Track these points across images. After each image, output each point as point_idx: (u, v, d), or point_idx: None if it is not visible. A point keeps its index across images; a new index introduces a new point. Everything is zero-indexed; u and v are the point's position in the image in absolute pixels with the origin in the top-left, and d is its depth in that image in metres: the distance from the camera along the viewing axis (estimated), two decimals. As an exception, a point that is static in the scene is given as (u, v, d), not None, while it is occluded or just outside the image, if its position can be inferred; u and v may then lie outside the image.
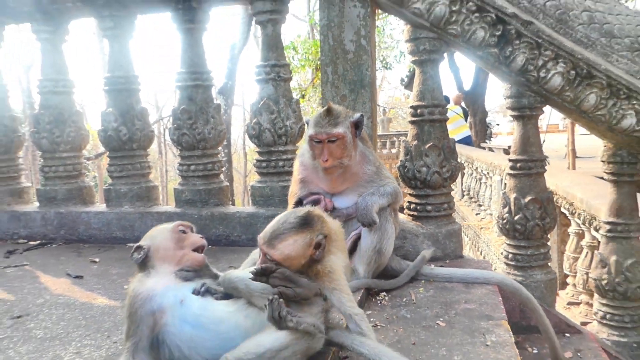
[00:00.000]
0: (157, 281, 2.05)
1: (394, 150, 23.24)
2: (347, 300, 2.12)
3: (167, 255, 2.14)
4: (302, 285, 2.02)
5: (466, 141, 14.90)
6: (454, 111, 14.60)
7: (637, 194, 3.82)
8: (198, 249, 2.22)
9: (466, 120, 17.40)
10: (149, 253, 2.13)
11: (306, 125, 3.21)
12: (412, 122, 3.85)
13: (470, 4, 3.54)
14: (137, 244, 2.15)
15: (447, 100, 16.15)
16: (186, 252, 2.18)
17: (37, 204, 4.81)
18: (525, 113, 3.73)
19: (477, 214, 12.12)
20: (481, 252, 10.51)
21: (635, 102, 3.45)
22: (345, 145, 3.00)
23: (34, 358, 2.28)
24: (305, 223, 2.07)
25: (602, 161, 3.76)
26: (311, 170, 3.16)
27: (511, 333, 2.58)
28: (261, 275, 1.99)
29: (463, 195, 13.44)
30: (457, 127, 14.39)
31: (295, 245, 2.05)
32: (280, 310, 1.86)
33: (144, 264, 2.12)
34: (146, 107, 4.74)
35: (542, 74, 3.52)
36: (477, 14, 3.55)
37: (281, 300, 1.88)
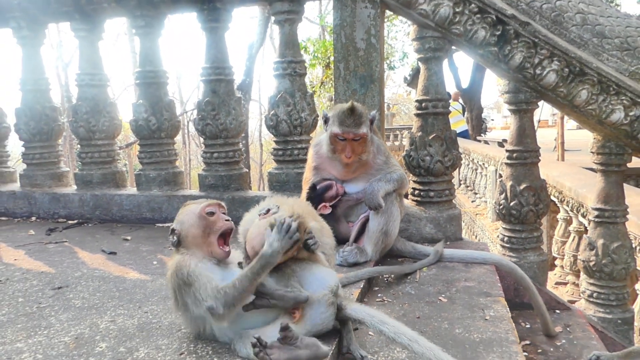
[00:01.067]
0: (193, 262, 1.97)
1: (397, 143, 23.12)
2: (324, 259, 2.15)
3: (196, 243, 2.01)
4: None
5: (463, 135, 14.80)
6: (453, 107, 14.48)
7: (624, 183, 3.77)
8: (225, 234, 2.06)
9: (463, 116, 17.29)
10: (180, 237, 2.03)
11: (321, 119, 3.19)
12: (417, 115, 3.81)
13: (473, 5, 3.48)
14: (172, 226, 2.07)
15: (448, 96, 16.08)
16: (212, 242, 2.01)
17: (74, 186, 4.81)
18: (522, 107, 3.68)
19: (472, 202, 12.07)
20: (476, 236, 10.47)
21: (623, 97, 3.40)
22: (366, 143, 3.02)
23: (73, 325, 2.28)
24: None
25: (592, 152, 3.70)
26: (326, 160, 3.15)
27: (508, 309, 2.55)
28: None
29: (460, 184, 13.38)
30: (456, 121, 14.27)
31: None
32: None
33: (179, 245, 2.04)
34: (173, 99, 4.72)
35: (538, 71, 3.46)
36: (478, 15, 3.49)
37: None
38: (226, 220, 2.08)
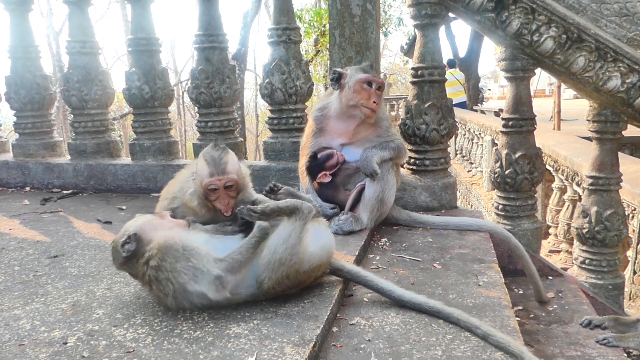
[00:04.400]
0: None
1: (393, 113, 23.02)
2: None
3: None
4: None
5: (462, 106, 14.72)
6: (454, 76, 14.33)
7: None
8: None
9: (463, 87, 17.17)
10: None
11: (329, 80, 3.18)
12: (413, 83, 3.78)
13: (470, -30, 3.42)
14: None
15: (453, 63, 15.87)
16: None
17: (68, 156, 4.79)
18: (518, 75, 3.66)
19: (468, 171, 12.11)
20: (472, 206, 10.53)
21: (621, 64, 3.38)
22: (383, 95, 3.15)
23: (69, 292, 2.29)
24: (224, 147, 2.33)
25: (588, 120, 3.70)
26: (332, 120, 3.18)
27: (501, 275, 2.58)
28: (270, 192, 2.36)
29: (456, 154, 13.38)
30: (455, 91, 14.15)
31: (237, 162, 2.32)
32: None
33: None
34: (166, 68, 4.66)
35: (535, 38, 3.43)
36: (476, -20, 3.43)
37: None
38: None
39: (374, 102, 3.03)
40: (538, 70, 3.84)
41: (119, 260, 2.06)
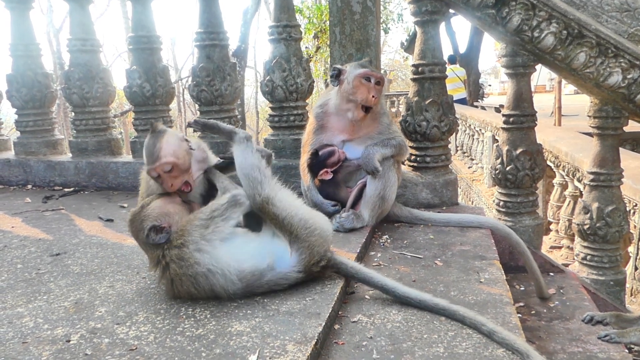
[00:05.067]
0: None
1: (393, 110, 22.98)
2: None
3: None
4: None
5: (462, 103, 14.69)
6: (455, 73, 14.28)
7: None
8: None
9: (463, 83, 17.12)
10: None
11: (329, 77, 3.20)
12: (414, 80, 3.77)
13: (471, -34, 3.41)
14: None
15: (453, 59, 15.81)
16: None
17: (70, 154, 4.79)
18: (519, 71, 3.65)
19: (469, 167, 12.10)
20: (473, 202, 10.53)
21: (622, 60, 3.37)
22: (382, 90, 3.12)
23: (72, 290, 2.30)
24: (160, 130, 2.26)
25: (589, 116, 3.69)
26: (332, 117, 3.17)
27: (502, 272, 2.58)
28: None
29: (457, 151, 13.37)
30: (456, 87, 14.11)
31: (173, 143, 2.23)
32: None
33: None
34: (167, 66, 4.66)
35: (535, 34, 3.42)
36: (476, -23, 3.42)
37: None
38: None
39: (373, 96, 3.02)
40: (539, 66, 3.83)
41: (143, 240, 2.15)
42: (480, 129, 11.06)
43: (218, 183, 2.36)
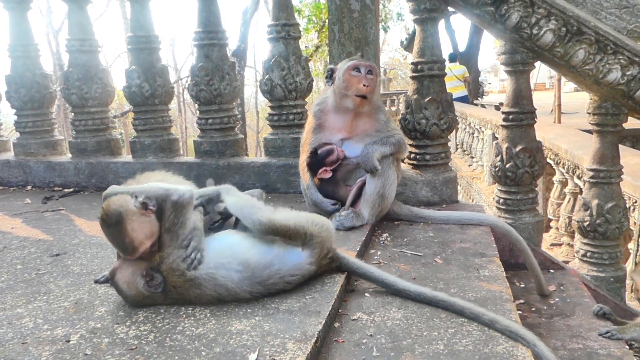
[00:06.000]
0: None
1: (393, 108, 22.97)
2: None
3: None
4: None
5: (463, 100, 14.66)
6: (452, 72, 14.27)
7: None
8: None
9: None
10: None
11: (324, 76, 3.22)
12: (413, 78, 3.77)
13: (469, -36, 3.41)
14: None
15: (454, 57, 15.80)
16: None
17: (69, 155, 4.78)
18: (518, 68, 3.65)
19: (469, 165, 12.10)
20: (473, 200, 10.53)
21: (621, 57, 3.36)
22: (376, 80, 3.10)
23: (72, 290, 2.30)
24: (115, 217, 1.97)
25: (588, 113, 3.69)
26: (330, 115, 3.18)
27: (502, 269, 2.58)
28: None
29: (457, 149, 13.37)
30: (455, 86, 14.10)
31: (137, 227, 1.98)
32: None
33: None
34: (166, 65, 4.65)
35: (534, 31, 3.42)
36: (475, -26, 3.42)
37: None
38: None
39: (364, 85, 3.01)
40: (538, 64, 3.83)
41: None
42: (480, 127, 11.06)
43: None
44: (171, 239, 2.07)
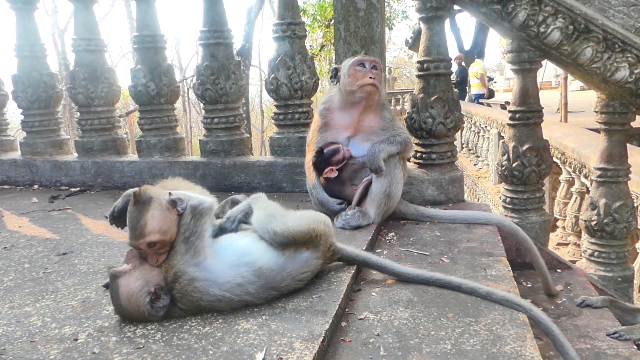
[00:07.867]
0: None
1: (398, 107, 22.95)
2: None
3: None
4: None
5: (480, 97, 14.60)
6: (474, 68, 14.21)
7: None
8: None
9: (466, 80, 17.06)
10: None
11: (330, 76, 3.24)
12: (419, 77, 3.76)
13: (476, -38, 3.40)
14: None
15: (480, 54, 15.71)
16: None
17: (75, 154, 4.80)
18: (525, 67, 3.63)
19: (475, 165, 12.08)
20: (479, 199, 10.51)
21: (629, 55, 3.34)
22: (380, 75, 3.12)
23: (79, 289, 2.31)
24: (145, 200, 1.98)
25: (595, 111, 3.67)
26: (336, 113, 3.18)
27: (509, 268, 2.57)
28: None
29: (462, 148, 13.34)
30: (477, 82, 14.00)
31: (159, 218, 1.96)
32: None
33: None
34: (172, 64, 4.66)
35: (542, 29, 3.40)
36: (482, -28, 3.41)
37: None
38: None
39: (370, 77, 3.02)
40: (544, 62, 3.81)
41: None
42: (485, 126, 11.03)
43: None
44: (186, 251, 1.97)
